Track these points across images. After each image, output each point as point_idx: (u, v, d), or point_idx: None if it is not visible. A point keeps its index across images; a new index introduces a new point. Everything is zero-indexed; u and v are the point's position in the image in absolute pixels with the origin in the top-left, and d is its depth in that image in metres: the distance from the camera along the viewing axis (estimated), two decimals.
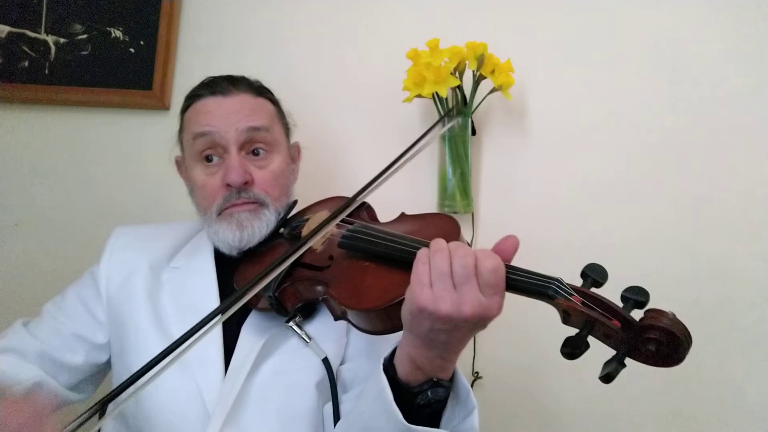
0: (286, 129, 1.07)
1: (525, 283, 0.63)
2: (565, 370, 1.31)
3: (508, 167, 1.37)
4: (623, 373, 0.59)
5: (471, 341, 1.31)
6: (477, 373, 1.32)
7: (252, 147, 0.97)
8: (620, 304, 0.61)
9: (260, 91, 1.03)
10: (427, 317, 0.62)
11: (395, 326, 0.69)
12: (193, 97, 1.01)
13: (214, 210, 0.95)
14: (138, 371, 0.67)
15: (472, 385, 1.31)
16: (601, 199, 1.33)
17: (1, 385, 0.79)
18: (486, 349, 1.33)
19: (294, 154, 1.09)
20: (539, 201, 1.35)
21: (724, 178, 1.30)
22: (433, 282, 0.62)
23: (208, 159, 0.97)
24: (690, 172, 1.31)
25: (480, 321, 0.62)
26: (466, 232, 1.33)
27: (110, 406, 0.69)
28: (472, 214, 1.34)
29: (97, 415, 0.64)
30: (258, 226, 0.94)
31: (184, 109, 1.02)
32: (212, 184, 0.96)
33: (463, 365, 1.30)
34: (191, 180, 1.00)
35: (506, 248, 0.65)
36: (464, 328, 0.63)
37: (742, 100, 1.31)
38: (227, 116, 0.95)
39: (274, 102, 1.05)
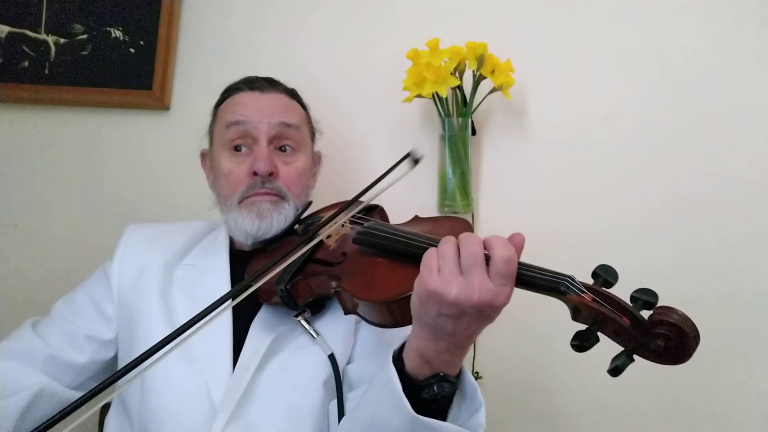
0: (312, 134, 1.11)
1: (539, 279, 0.64)
2: (565, 371, 1.31)
3: (508, 167, 1.37)
4: (624, 373, 0.59)
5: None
6: (477, 373, 1.32)
7: (281, 143, 1.01)
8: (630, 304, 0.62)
9: (293, 94, 1.09)
10: (435, 301, 0.62)
11: (406, 319, 0.70)
12: (230, 90, 1.05)
13: (235, 197, 0.98)
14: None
15: None
16: (601, 199, 1.33)
17: None
18: (486, 349, 1.32)
19: (316, 159, 1.13)
20: (539, 201, 1.35)
21: (724, 177, 1.30)
22: (440, 267, 0.63)
23: (237, 149, 1.00)
24: (690, 172, 1.31)
25: (487, 309, 0.62)
26: None
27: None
28: (472, 214, 1.34)
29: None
30: (277, 219, 0.97)
31: (220, 102, 1.07)
32: (238, 172, 0.99)
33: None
34: (216, 168, 1.02)
35: (514, 245, 0.66)
36: (470, 316, 0.63)
37: (742, 99, 1.31)
38: (262, 110, 1.00)
39: (305, 107, 1.11)
